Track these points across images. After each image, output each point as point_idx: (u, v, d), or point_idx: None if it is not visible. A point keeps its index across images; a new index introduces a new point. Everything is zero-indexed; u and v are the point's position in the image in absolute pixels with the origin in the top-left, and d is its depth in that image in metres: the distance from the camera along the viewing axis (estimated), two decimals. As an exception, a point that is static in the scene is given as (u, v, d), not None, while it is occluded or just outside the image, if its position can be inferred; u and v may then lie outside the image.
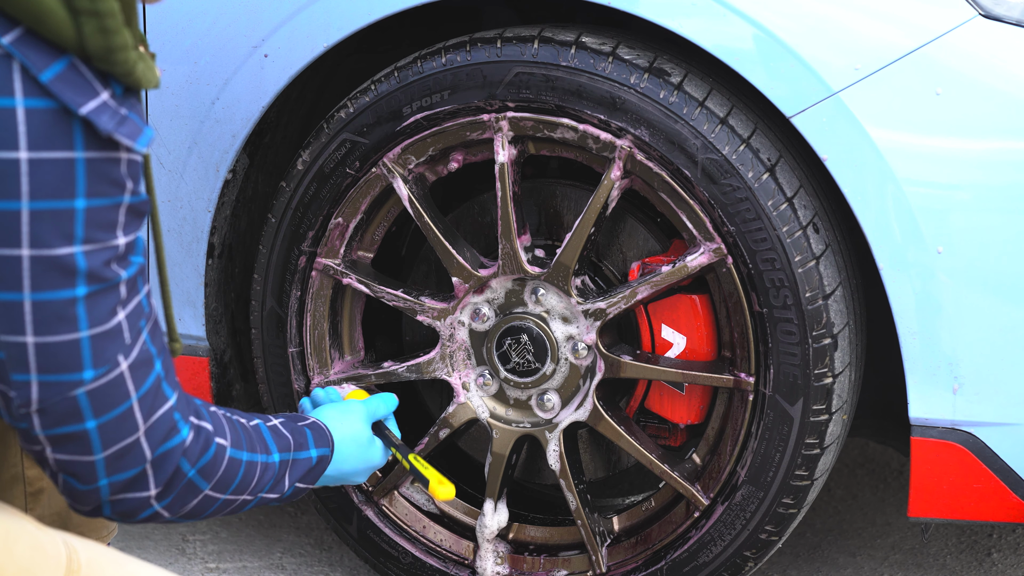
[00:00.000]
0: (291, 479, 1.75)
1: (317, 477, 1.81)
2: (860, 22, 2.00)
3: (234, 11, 2.23)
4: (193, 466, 1.54)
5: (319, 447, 1.81)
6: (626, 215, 2.26)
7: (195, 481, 1.56)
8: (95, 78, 1.37)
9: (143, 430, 1.48)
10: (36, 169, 1.34)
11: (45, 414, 1.42)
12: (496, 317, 2.25)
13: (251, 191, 2.41)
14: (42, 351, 1.39)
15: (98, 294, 1.41)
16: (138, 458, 1.49)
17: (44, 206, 1.35)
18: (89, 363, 1.41)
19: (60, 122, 1.34)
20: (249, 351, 2.49)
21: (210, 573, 2.54)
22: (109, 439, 1.46)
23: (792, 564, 2.61)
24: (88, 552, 1.50)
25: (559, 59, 2.10)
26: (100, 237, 1.39)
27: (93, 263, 1.39)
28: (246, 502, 1.67)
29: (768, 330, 2.08)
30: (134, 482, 1.50)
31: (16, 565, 1.42)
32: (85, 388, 1.42)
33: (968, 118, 1.98)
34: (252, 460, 1.64)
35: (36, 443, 1.45)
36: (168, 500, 1.54)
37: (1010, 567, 2.62)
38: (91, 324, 1.41)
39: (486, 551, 2.31)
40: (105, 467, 1.47)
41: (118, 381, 1.44)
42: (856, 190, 2.01)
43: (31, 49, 1.34)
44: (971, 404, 2.03)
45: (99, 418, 1.44)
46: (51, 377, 1.40)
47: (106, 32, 1.35)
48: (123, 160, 1.39)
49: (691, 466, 2.24)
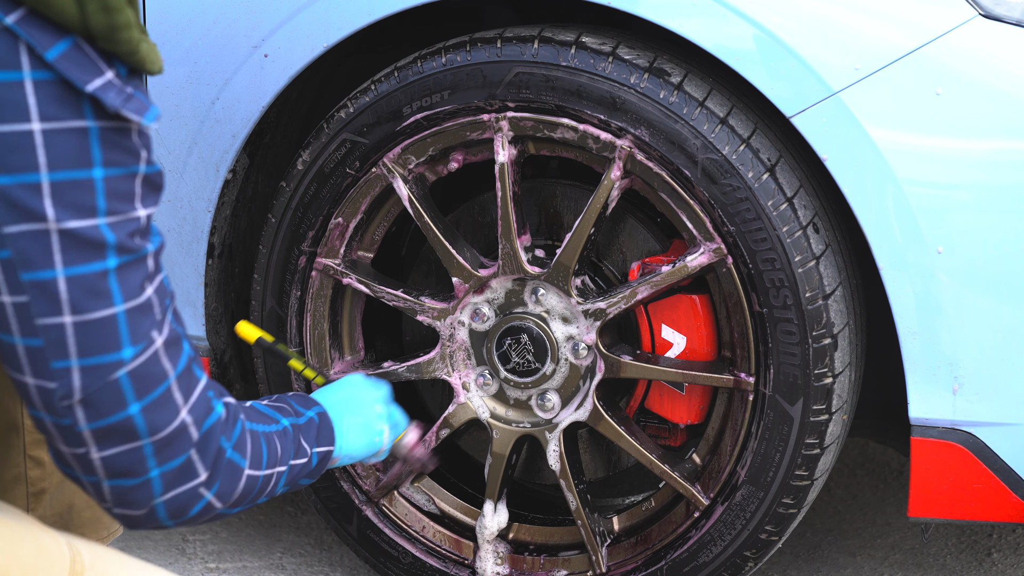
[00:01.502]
0: (308, 441, 1.71)
1: (331, 436, 1.77)
2: (860, 22, 2.00)
3: (234, 11, 2.23)
4: (229, 442, 1.52)
5: (308, 407, 1.78)
6: (626, 215, 2.26)
7: (234, 460, 1.53)
8: (99, 58, 1.37)
9: (185, 410, 1.45)
10: (51, 139, 1.34)
11: (89, 405, 1.40)
12: (496, 317, 2.25)
13: (251, 191, 2.41)
14: (81, 331, 1.37)
15: (128, 266, 1.39)
16: (185, 442, 1.46)
17: (63, 176, 1.35)
18: (128, 340, 1.39)
19: (69, 92, 1.34)
20: (249, 351, 2.49)
21: (210, 573, 2.54)
22: (155, 422, 1.43)
23: (792, 564, 2.61)
24: (91, 553, 1.50)
25: (559, 59, 2.10)
26: (121, 208, 1.38)
27: (119, 234, 1.38)
28: (280, 475, 1.64)
29: (768, 330, 2.08)
30: (183, 471, 1.47)
31: (20, 567, 1.42)
32: (126, 368, 1.40)
33: (968, 118, 1.98)
34: (268, 431, 1.63)
35: (80, 444, 1.42)
36: (217, 486, 1.51)
37: (1010, 567, 2.62)
38: (125, 298, 1.39)
39: (486, 551, 2.31)
40: (154, 454, 1.44)
41: (155, 359, 1.42)
42: (856, 190, 2.00)
43: (35, 29, 1.34)
44: (971, 404, 2.03)
45: (142, 400, 1.41)
46: (92, 360, 1.38)
47: (108, 11, 1.35)
48: (134, 130, 1.39)
49: (691, 466, 2.24)
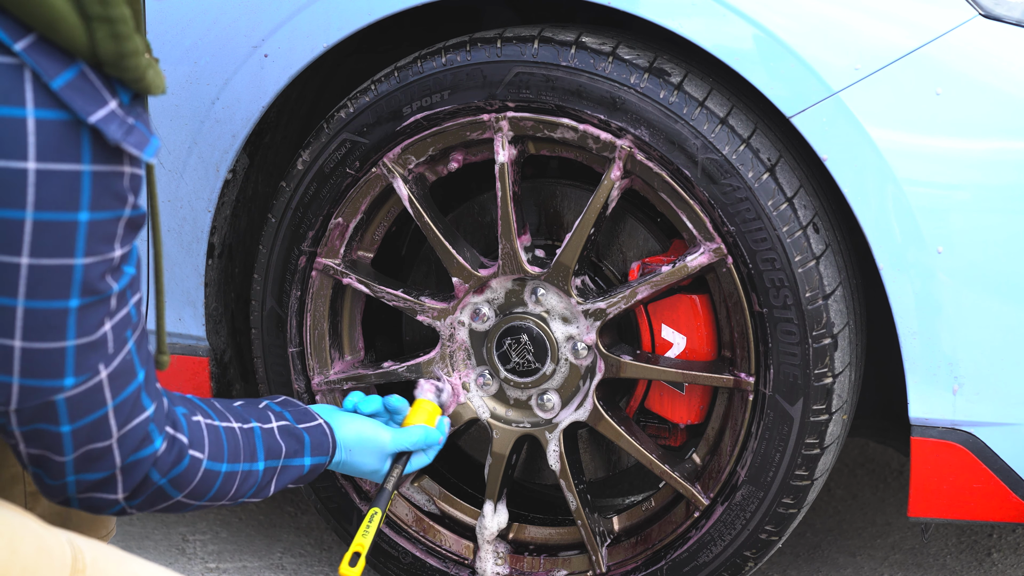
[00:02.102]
0: (278, 484, 1.78)
1: (311, 480, 1.83)
2: (860, 22, 2.00)
3: (234, 11, 2.23)
4: (164, 476, 1.57)
5: (316, 455, 1.82)
6: (626, 215, 2.26)
7: (166, 489, 1.58)
8: (104, 87, 1.37)
9: (116, 438, 1.50)
10: (43, 180, 1.35)
11: (22, 414, 1.44)
12: (496, 317, 2.25)
13: (251, 191, 2.41)
14: (27, 356, 1.41)
15: (89, 307, 1.42)
16: (108, 464, 1.51)
17: (48, 217, 1.36)
18: (71, 371, 1.43)
19: (69, 133, 1.35)
20: (249, 351, 2.49)
21: (210, 573, 2.54)
22: (81, 442, 1.48)
23: (792, 564, 2.61)
24: (93, 552, 1.50)
25: (559, 59, 2.10)
26: (99, 249, 1.40)
27: (89, 275, 1.40)
28: (223, 504, 1.70)
29: (768, 330, 2.08)
30: (102, 484, 1.53)
31: (21, 565, 1.42)
32: (64, 395, 1.44)
33: (968, 118, 1.98)
34: (232, 471, 1.67)
35: (11, 437, 1.48)
36: (137, 502, 1.57)
37: (1010, 567, 2.62)
38: (78, 335, 1.42)
39: (486, 551, 2.31)
40: (74, 467, 1.50)
41: (96, 389, 1.46)
42: (856, 190, 2.00)
43: (43, 56, 1.34)
44: (971, 404, 2.03)
45: (74, 423, 1.46)
46: (32, 382, 1.42)
47: (118, 38, 1.36)
48: (126, 174, 1.40)
49: (691, 466, 2.24)
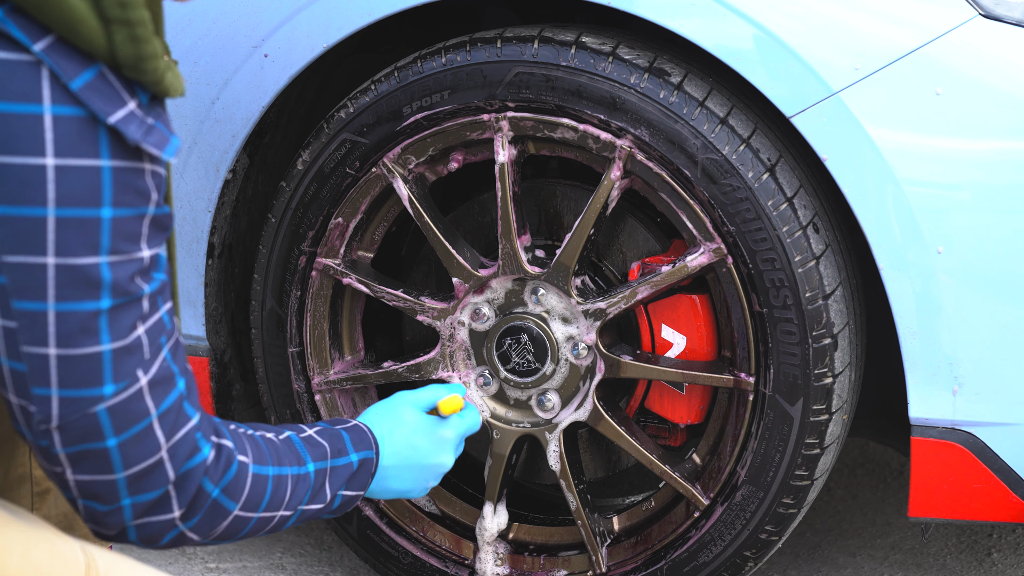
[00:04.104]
0: (333, 487, 1.71)
1: (366, 482, 1.77)
2: (860, 22, 2.00)
3: (234, 11, 2.23)
4: (216, 485, 1.52)
5: (360, 450, 1.77)
6: (626, 215, 2.26)
7: (220, 501, 1.53)
8: (123, 87, 1.37)
9: (165, 449, 1.46)
10: (62, 176, 1.34)
11: (65, 431, 1.41)
12: (496, 317, 2.25)
13: (251, 191, 2.41)
14: (64, 364, 1.38)
15: (121, 307, 1.40)
16: (161, 478, 1.47)
17: (70, 213, 1.35)
18: (110, 377, 1.40)
19: (87, 129, 1.34)
20: (249, 351, 2.49)
21: (210, 573, 2.54)
22: (131, 457, 1.44)
23: (792, 564, 2.61)
24: (105, 560, 1.49)
25: (559, 59, 2.10)
26: (125, 248, 1.38)
27: (118, 275, 1.38)
28: (285, 518, 1.63)
29: (768, 330, 2.08)
30: (157, 504, 1.48)
31: (35, 571, 1.42)
32: (105, 404, 1.40)
33: (968, 118, 1.98)
34: (280, 474, 1.61)
35: (57, 463, 1.43)
36: (194, 521, 1.52)
37: (1010, 567, 2.62)
38: (113, 338, 1.40)
39: (486, 552, 2.31)
40: (127, 487, 1.45)
41: (137, 397, 1.42)
42: (856, 190, 2.01)
43: (62, 57, 1.34)
44: (971, 404, 2.03)
45: (120, 435, 1.42)
46: (72, 392, 1.39)
47: (137, 41, 1.36)
48: (147, 171, 1.39)
49: (691, 466, 2.24)
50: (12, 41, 1.33)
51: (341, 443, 1.74)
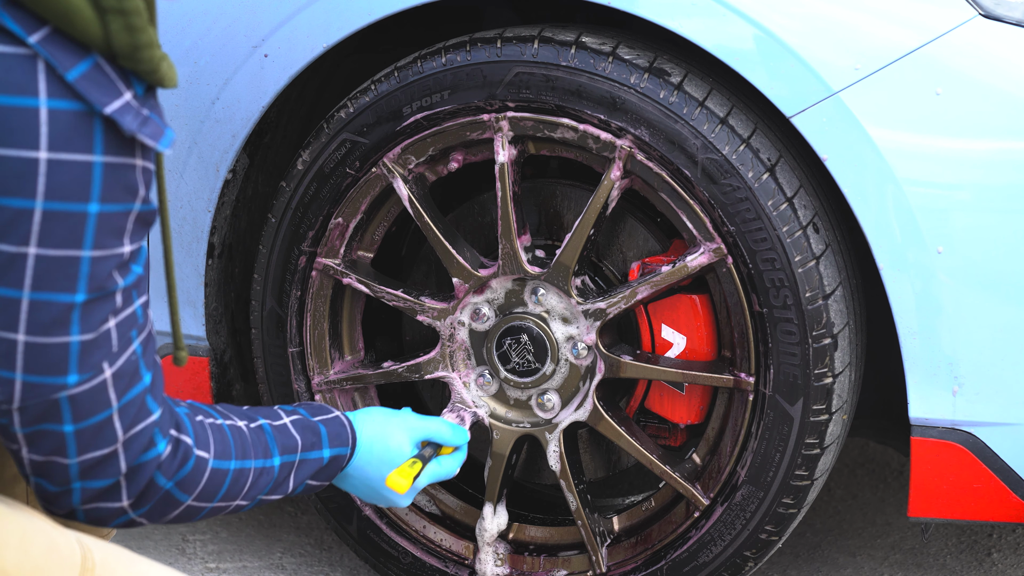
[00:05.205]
0: (298, 478, 1.74)
1: (333, 474, 1.79)
2: (860, 22, 2.00)
3: (234, 11, 2.23)
4: (170, 480, 1.54)
5: (335, 446, 1.79)
6: (626, 215, 2.26)
7: (173, 493, 1.56)
8: (118, 78, 1.37)
9: (121, 441, 1.48)
10: (54, 170, 1.34)
11: (25, 412, 1.43)
12: (496, 317, 2.25)
13: (251, 191, 2.41)
14: (30, 351, 1.40)
15: (95, 301, 1.41)
16: (113, 469, 1.49)
17: (58, 207, 1.36)
18: (75, 368, 1.42)
19: (81, 124, 1.35)
20: (249, 351, 2.49)
21: (210, 573, 2.54)
22: (86, 445, 1.46)
23: (792, 564, 2.61)
24: (102, 551, 1.50)
25: (559, 59, 2.10)
26: (108, 243, 1.39)
27: (97, 269, 1.39)
28: (241, 506, 1.67)
29: (768, 330, 2.08)
30: (107, 492, 1.51)
31: (32, 564, 1.42)
32: (68, 392, 1.42)
33: (968, 118, 1.98)
34: (243, 467, 1.64)
35: (14, 441, 1.46)
36: (144, 510, 1.55)
37: (1010, 567, 2.62)
38: (83, 330, 1.41)
39: (486, 552, 2.31)
40: (79, 472, 1.48)
41: (100, 388, 1.44)
42: (856, 190, 2.01)
43: (57, 48, 1.34)
44: (971, 404, 2.03)
45: (77, 424, 1.44)
46: (35, 378, 1.41)
47: (132, 30, 1.36)
48: (138, 167, 1.40)
49: (691, 466, 2.24)
50: (7, 33, 1.34)
51: (316, 437, 1.76)
